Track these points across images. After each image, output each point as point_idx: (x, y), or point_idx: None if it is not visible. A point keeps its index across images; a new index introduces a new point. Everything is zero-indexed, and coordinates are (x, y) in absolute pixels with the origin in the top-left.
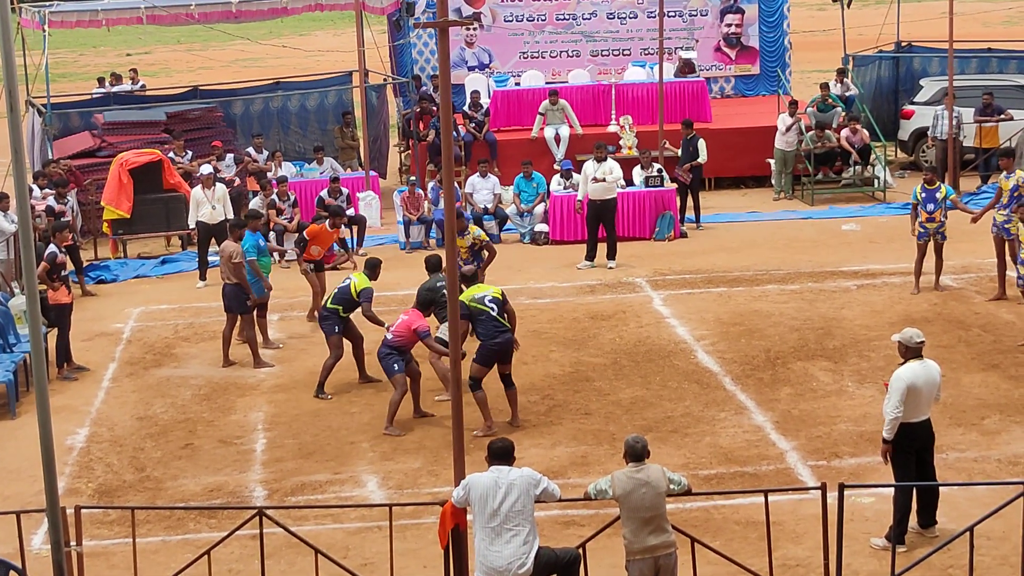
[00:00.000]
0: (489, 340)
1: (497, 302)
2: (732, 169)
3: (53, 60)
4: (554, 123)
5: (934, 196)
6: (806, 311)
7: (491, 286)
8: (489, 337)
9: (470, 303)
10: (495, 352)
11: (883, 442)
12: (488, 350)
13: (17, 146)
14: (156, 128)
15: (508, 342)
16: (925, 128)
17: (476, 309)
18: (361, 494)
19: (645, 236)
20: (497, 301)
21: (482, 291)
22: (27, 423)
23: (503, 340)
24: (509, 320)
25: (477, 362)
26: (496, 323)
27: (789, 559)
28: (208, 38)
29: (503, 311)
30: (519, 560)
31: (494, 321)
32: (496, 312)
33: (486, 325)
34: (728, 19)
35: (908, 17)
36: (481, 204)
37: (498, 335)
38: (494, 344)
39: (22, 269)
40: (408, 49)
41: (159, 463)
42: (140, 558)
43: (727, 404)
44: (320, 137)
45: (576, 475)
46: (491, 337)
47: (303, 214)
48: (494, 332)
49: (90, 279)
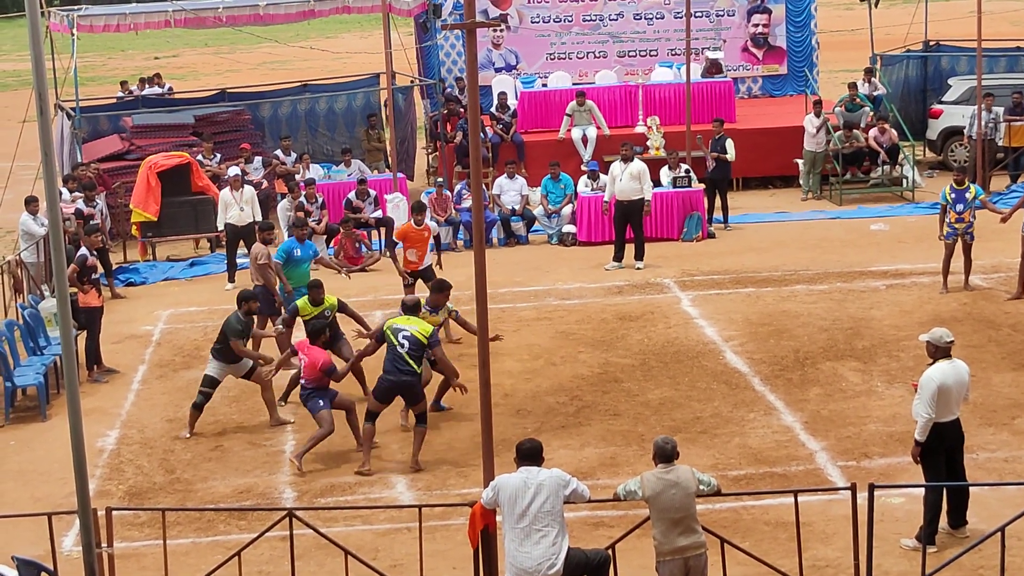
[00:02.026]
0: (384, 373)
1: (413, 342)
2: (760, 169)
3: (81, 64)
4: (581, 124)
5: (963, 196)
6: (835, 311)
7: (420, 323)
8: (385, 371)
9: (386, 328)
10: (385, 389)
11: (915, 443)
12: (380, 383)
13: (47, 149)
14: (184, 131)
15: (403, 384)
16: (954, 127)
17: (388, 338)
18: (390, 495)
19: (673, 237)
20: (414, 341)
21: (406, 324)
22: (58, 425)
23: (397, 380)
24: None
25: (372, 395)
26: (399, 361)
27: (819, 560)
28: (236, 41)
29: (416, 352)
30: (548, 561)
31: (399, 358)
32: (405, 350)
33: (389, 358)
34: (755, 19)
35: (936, 16)
36: (509, 205)
37: (394, 372)
38: (385, 380)
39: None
40: (435, 51)
41: (189, 465)
42: (171, 559)
43: (756, 405)
44: (348, 139)
45: (605, 476)
46: (386, 372)
47: (331, 216)
48: (391, 368)
49: (119, 282)
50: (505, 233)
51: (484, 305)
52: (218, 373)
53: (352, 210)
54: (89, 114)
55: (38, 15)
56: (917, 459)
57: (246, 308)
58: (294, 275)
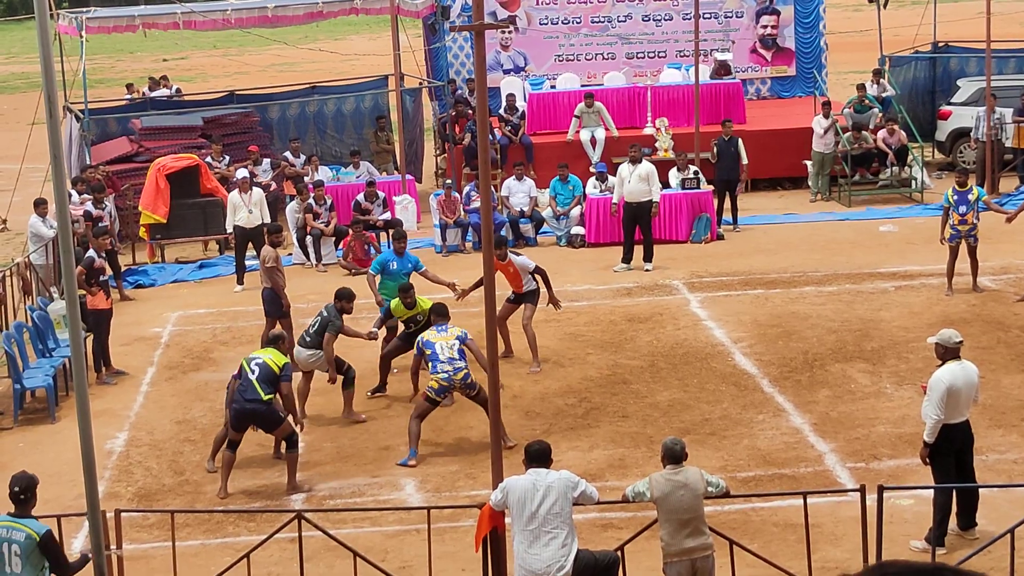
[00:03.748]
0: (232, 402)
1: (265, 369)
2: (769, 171)
3: (90, 66)
4: (590, 126)
5: (966, 198)
6: (844, 313)
7: (275, 354)
8: (232, 400)
9: (244, 360)
10: (235, 416)
11: (924, 445)
12: (232, 412)
13: (56, 152)
14: (193, 133)
15: (250, 412)
16: (962, 128)
17: (243, 367)
18: (399, 497)
19: (682, 238)
20: (265, 368)
21: (260, 353)
22: (67, 427)
23: (241, 408)
24: (283, 400)
25: (230, 425)
26: (246, 387)
27: (828, 561)
28: (244, 43)
29: (267, 381)
30: (558, 563)
31: (248, 386)
32: (255, 376)
33: (240, 385)
34: (764, 20)
35: (945, 17)
36: (517, 207)
37: (242, 400)
38: (234, 407)
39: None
40: (443, 53)
41: (198, 467)
42: (180, 561)
43: (765, 406)
44: (356, 141)
45: (614, 478)
46: (233, 400)
47: (339, 218)
48: (239, 396)
49: (128, 284)
50: (514, 235)
51: (492, 307)
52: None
53: (361, 212)
54: (98, 116)
55: (47, 17)
56: (926, 460)
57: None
58: (389, 287)
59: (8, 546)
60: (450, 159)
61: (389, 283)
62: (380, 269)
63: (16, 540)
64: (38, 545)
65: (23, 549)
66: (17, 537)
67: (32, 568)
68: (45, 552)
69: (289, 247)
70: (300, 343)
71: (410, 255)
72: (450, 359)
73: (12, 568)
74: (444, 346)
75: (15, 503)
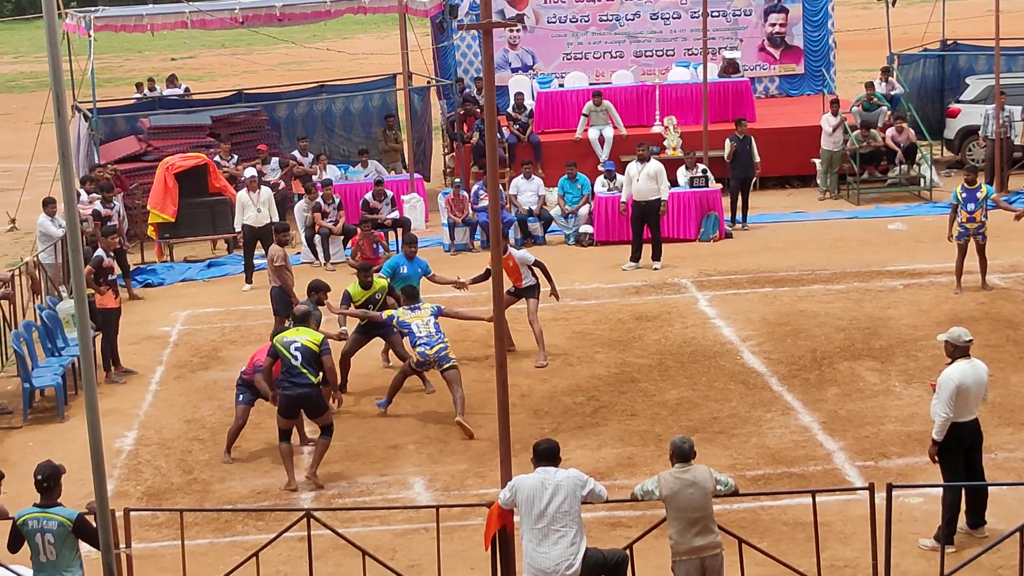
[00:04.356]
0: (282, 389)
1: (305, 352)
2: (777, 169)
3: (98, 65)
4: (598, 124)
5: (975, 196)
6: (852, 311)
7: (310, 333)
8: (282, 387)
9: (277, 343)
10: (287, 403)
11: (932, 443)
12: (283, 399)
13: (64, 151)
14: (201, 132)
15: (302, 396)
16: (971, 127)
17: (281, 352)
18: (408, 496)
19: (690, 237)
20: (305, 351)
21: (295, 336)
22: (76, 426)
23: (293, 394)
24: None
25: (279, 413)
26: (294, 372)
27: (837, 560)
28: (252, 42)
29: (311, 362)
30: (567, 561)
31: (293, 370)
32: (299, 361)
33: (285, 371)
34: (772, 18)
35: (953, 15)
36: (525, 206)
37: (291, 386)
38: (285, 393)
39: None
40: (451, 51)
41: (207, 466)
42: (189, 560)
43: (773, 405)
44: (364, 140)
45: (622, 476)
46: (283, 387)
47: (348, 217)
48: (287, 382)
49: (137, 283)
50: (522, 233)
51: (501, 306)
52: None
53: (369, 211)
54: (106, 115)
55: (55, 17)
56: (934, 458)
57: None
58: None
59: (41, 536)
60: (458, 158)
61: (398, 287)
62: (391, 273)
63: (48, 529)
64: (72, 531)
65: (56, 537)
66: (49, 526)
67: (67, 554)
68: (81, 535)
69: (297, 246)
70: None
71: (419, 259)
72: (427, 335)
73: (48, 557)
74: (420, 324)
75: (40, 492)
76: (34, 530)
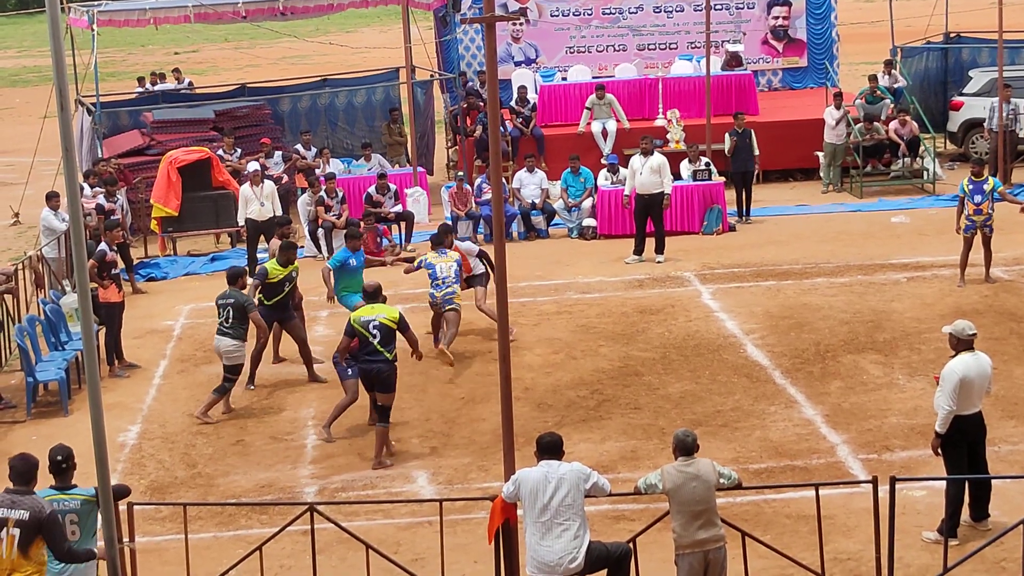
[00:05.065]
0: (358, 364)
1: (383, 330)
2: (780, 162)
3: (102, 59)
4: (601, 117)
5: (981, 188)
6: (856, 304)
7: (387, 310)
8: (359, 361)
9: (355, 322)
10: (363, 375)
11: (935, 436)
12: (360, 372)
13: (67, 145)
14: (205, 126)
15: (374, 372)
16: (975, 119)
17: (359, 331)
18: (411, 490)
19: (693, 230)
20: (384, 329)
21: (372, 314)
22: (80, 420)
23: (368, 368)
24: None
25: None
26: (370, 350)
27: (840, 553)
28: (255, 36)
29: (387, 340)
30: (570, 555)
31: (370, 347)
32: (378, 340)
33: (362, 348)
34: (775, 11)
35: (956, 7)
36: (528, 199)
37: (368, 360)
38: (361, 367)
39: (73, 267)
40: (454, 45)
41: (210, 459)
42: (192, 554)
43: (777, 398)
44: (368, 134)
45: (626, 469)
46: (360, 363)
47: (351, 211)
48: (364, 358)
49: (140, 277)
50: (525, 227)
51: (505, 299)
52: None
53: (372, 204)
54: (109, 109)
55: (58, 10)
56: (937, 451)
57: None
58: (352, 283)
59: (63, 517)
60: (461, 151)
61: (347, 278)
62: (340, 266)
63: (71, 509)
64: (96, 504)
65: (81, 516)
66: (71, 506)
67: (88, 532)
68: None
69: (300, 240)
70: (221, 333)
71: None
72: (444, 278)
73: (72, 536)
74: (444, 267)
75: (57, 473)
76: (57, 512)
